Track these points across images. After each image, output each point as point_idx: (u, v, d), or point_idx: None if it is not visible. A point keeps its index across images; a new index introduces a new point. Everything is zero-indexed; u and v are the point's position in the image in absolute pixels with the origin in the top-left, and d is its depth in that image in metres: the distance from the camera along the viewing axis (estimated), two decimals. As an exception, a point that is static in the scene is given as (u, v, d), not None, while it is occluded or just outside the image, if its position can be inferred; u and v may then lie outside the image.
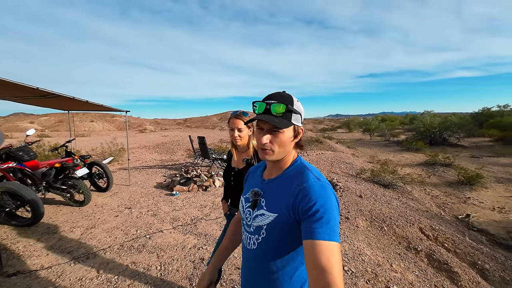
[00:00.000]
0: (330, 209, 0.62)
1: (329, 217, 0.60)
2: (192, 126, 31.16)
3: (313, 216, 0.61)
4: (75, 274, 2.17)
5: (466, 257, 3.04)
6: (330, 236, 0.58)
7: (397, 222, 3.56)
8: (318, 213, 0.61)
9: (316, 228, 0.59)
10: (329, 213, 0.61)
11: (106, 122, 28.62)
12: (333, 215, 0.61)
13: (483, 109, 19.60)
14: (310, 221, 0.61)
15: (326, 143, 12.89)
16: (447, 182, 7.42)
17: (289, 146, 0.74)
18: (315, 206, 0.62)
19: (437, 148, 12.70)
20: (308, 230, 0.60)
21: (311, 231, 0.59)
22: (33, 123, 26.57)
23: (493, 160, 10.33)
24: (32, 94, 3.55)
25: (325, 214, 0.60)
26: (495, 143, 14.15)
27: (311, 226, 0.60)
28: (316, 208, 0.61)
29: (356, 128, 27.54)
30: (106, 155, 7.58)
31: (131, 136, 15.70)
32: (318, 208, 0.61)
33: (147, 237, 2.87)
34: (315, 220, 0.60)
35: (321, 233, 0.58)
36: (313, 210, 0.62)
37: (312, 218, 0.61)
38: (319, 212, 0.61)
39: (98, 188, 4.56)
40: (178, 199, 4.27)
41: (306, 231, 0.61)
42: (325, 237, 0.57)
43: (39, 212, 2.99)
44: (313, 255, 0.56)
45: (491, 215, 5.18)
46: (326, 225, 0.59)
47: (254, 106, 0.74)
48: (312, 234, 0.59)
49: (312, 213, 0.61)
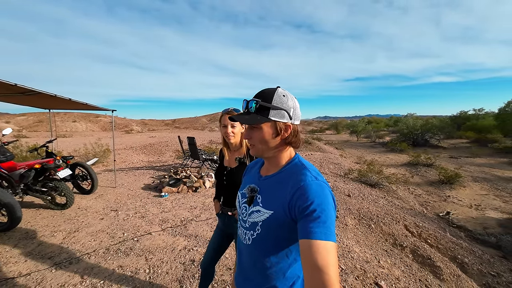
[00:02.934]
0: (327, 208, 0.62)
1: (326, 217, 0.60)
2: (181, 127, 30.61)
3: (310, 215, 0.61)
4: (56, 280, 2.06)
5: (447, 252, 3.20)
6: (327, 235, 0.58)
7: (384, 220, 3.68)
8: (315, 212, 0.61)
9: (313, 228, 0.59)
10: (326, 213, 0.61)
11: (89, 122, 27.47)
12: (330, 214, 0.61)
13: (460, 113, 20.81)
14: (307, 221, 0.61)
15: (315, 144, 13.13)
16: (428, 182, 7.78)
17: (271, 142, 0.74)
18: (312, 206, 0.62)
19: (419, 149, 13.30)
20: (305, 229, 0.60)
21: (308, 230, 0.59)
22: (9, 122, 24.95)
23: (470, 160, 10.98)
24: (10, 91, 3.34)
25: (322, 213, 0.61)
26: (472, 144, 15.07)
27: (307, 226, 0.60)
28: (313, 208, 0.61)
29: (344, 130, 28.26)
30: (90, 156, 7.27)
31: (116, 137, 15.15)
32: (315, 207, 0.61)
33: (135, 240, 2.78)
34: (312, 219, 0.60)
35: (318, 232, 0.58)
36: (310, 209, 0.62)
37: (309, 218, 0.61)
38: (316, 212, 0.61)
39: (82, 190, 4.35)
40: (167, 200, 4.17)
41: (303, 230, 0.61)
42: (321, 237, 0.57)
43: (16, 216, 2.81)
44: (310, 254, 0.56)
45: (468, 212, 5.49)
46: (323, 225, 0.59)
47: (242, 104, 0.78)
48: (308, 233, 0.59)
49: (309, 213, 0.61)
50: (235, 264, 1.01)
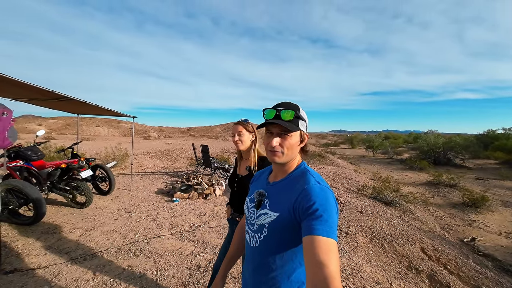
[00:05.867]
0: (329, 209, 0.66)
1: (327, 216, 0.64)
2: (196, 135, 31.47)
3: (312, 214, 0.65)
4: (71, 274, 2.17)
5: (469, 280, 2.94)
6: (328, 233, 0.61)
7: (398, 240, 3.49)
8: (318, 211, 0.65)
9: (315, 225, 0.63)
10: (328, 213, 0.65)
11: (111, 127, 29.13)
12: (331, 214, 0.65)
13: (488, 131, 19.48)
14: (309, 219, 0.65)
15: (328, 158, 12.87)
16: (451, 203, 7.26)
17: (295, 149, 0.80)
18: (315, 205, 0.66)
19: (441, 168, 12.53)
20: (308, 227, 0.64)
21: (310, 227, 0.63)
22: (41, 125, 27.16)
23: (499, 183, 10.13)
24: (47, 97, 3.72)
25: (324, 213, 0.65)
26: (501, 165, 13.93)
27: (310, 224, 0.64)
28: (315, 207, 0.66)
29: (359, 145, 27.46)
30: (109, 160, 7.67)
31: (135, 143, 15.90)
32: (317, 207, 0.66)
33: (145, 241, 2.86)
34: (315, 218, 0.64)
35: (319, 229, 0.62)
36: (312, 208, 0.66)
37: (311, 216, 0.65)
38: (318, 211, 0.65)
39: (100, 191, 4.60)
40: (178, 205, 4.27)
41: (306, 228, 0.65)
42: (323, 234, 0.61)
43: (41, 212, 3.02)
44: (311, 249, 0.60)
45: (497, 239, 5.02)
46: (325, 223, 0.63)
47: (264, 113, 0.81)
48: (311, 230, 0.62)
49: (312, 212, 0.65)
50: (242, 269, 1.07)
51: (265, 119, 0.81)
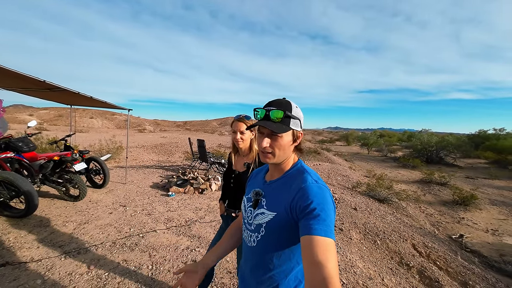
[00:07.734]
0: (327, 208, 0.65)
1: (325, 215, 0.64)
2: (192, 129, 31.19)
3: (310, 213, 0.64)
4: (65, 268, 2.15)
5: (457, 276, 3.04)
6: (326, 232, 0.61)
7: (391, 236, 3.57)
8: (315, 211, 0.64)
9: (313, 225, 0.62)
10: (325, 212, 0.64)
11: (105, 119, 28.61)
12: (329, 213, 0.65)
13: (479, 131, 19.92)
14: (307, 219, 0.64)
15: (324, 154, 12.96)
16: (442, 201, 7.45)
17: (288, 149, 0.78)
18: (312, 205, 0.65)
19: (433, 167, 12.81)
20: (306, 226, 0.63)
21: (308, 227, 0.62)
22: (32, 115, 26.46)
23: (488, 182, 10.42)
24: (39, 87, 3.60)
25: (322, 212, 0.64)
26: (491, 165, 14.31)
27: (308, 223, 0.63)
28: (313, 206, 0.65)
29: (355, 142, 27.73)
30: (103, 152, 7.56)
31: (130, 135, 15.67)
32: (315, 206, 0.65)
33: (140, 236, 2.85)
34: (312, 217, 0.63)
35: (317, 229, 0.61)
36: (310, 208, 0.65)
37: (309, 216, 0.64)
38: (316, 210, 0.64)
39: (94, 184, 4.53)
40: (173, 200, 4.25)
41: (304, 227, 0.64)
42: (321, 233, 0.60)
43: (33, 204, 2.97)
44: (310, 249, 0.59)
45: (484, 236, 5.19)
46: (323, 222, 0.62)
47: (255, 112, 0.78)
48: (309, 230, 0.62)
49: (310, 211, 0.65)
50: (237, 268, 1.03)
51: (257, 118, 0.78)
